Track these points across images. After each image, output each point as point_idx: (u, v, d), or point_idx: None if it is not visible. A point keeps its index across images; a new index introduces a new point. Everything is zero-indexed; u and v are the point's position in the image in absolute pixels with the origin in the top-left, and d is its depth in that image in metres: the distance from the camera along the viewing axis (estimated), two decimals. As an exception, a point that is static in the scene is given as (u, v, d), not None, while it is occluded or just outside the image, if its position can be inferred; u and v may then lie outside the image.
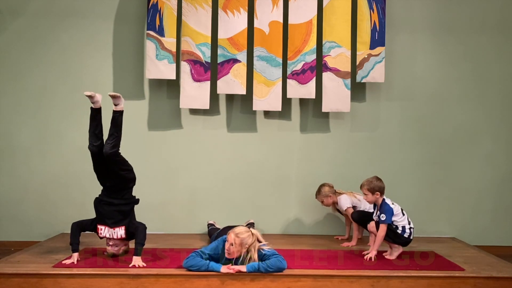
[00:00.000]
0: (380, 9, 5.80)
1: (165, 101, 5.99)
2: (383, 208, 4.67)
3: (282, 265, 4.23)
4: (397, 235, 4.70)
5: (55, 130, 5.93)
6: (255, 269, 4.19)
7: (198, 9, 5.76)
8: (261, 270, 4.19)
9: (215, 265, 4.21)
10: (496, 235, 6.02)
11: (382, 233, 4.65)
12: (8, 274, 4.19)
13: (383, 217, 4.63)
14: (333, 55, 5.79)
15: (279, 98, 5.78)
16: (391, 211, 4.65)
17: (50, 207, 5.90)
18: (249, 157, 6.02)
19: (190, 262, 4.22)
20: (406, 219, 4.75)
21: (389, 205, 4.69)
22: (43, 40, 5.93)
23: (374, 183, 4.70)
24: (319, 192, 5.50)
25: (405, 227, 4.72)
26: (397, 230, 4.69)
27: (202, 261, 4.22)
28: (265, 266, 4.19)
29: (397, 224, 4.69)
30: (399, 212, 4.73)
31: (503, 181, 6.07)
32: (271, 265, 4.19)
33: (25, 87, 5.93)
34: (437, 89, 6.06)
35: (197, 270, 4.19)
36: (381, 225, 4.65)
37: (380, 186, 4.70)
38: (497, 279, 4.28)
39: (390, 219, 4.65)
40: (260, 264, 4.20)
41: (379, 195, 4.70)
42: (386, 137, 6.05)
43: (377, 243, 4.68)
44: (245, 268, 4.19)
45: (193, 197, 5.99)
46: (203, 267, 4.19)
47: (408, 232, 4.73)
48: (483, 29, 6.05)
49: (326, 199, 5.47)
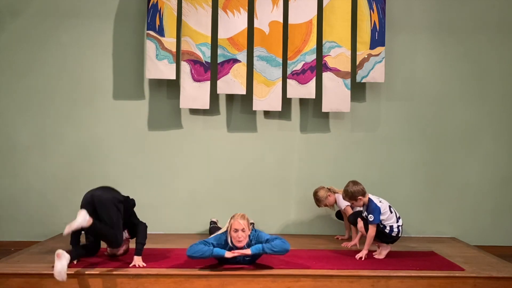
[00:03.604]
0: (380, 9, 5.80)
1: (165, 101, 5.99)
2: (370, 208, 4.66)
3: (286, 246, 4.21)
4: (385, 235, 4.70)
5: (55, 130, 5.93)
6: (260, 249, 4.18)
7: (198, 9, 5.76)
8: (266, 250, 4.17)
9: (219, 250, 4.18)
10: (496, 235, 6.02)
11: (372, 233, 4.65)
12: (8, 274, 4.20)
13: (371, 217, 4.63)
14: (333, 55, 5.79)
15: (279, 98, 5.78)
16: (378, 209, 4.64)
17: (50, 207, 5.90)
18: (249, 157, 6.02)
19: (193, 249, 4.17)
20: (395, 217, 4.73)
21: (376, 203, 4.67)
22: (43, 40, 5.93)
23: (350, 190, 4.68)
24: (319, 200, 5.49)
25: (393, 226, 4.70)
26: (385, 230, 4.68)
27: (206, 247, 4.17)
28: (269, 246, 4.17)
29: (385, 224, 4.68)
30: (387, 210, 4.70)
31: (503, 181, 6.06)
32: (275, 245, 4.18)
33: (25, 87, 5.92)
34: (437, 89, 6.06)
35: (201, 257, 4.15)
36: (370, 225, 4.65)
37: (358, 190, 4.68)
38: (497, 279, 4.28)
39: (379, 219, 4.64)
40: (265, 245, 4.19)
41: (363, 197, 4.69)
42: (386, 137, 6.04)
43: (368, 242, 4.68)
44: (250, 250, 4.19)
45: (193, 197, 5.99)
46: (207, 252, 4.15)
47: (396, 230, 4.71)
48: (483, 29, 6.04)
49: (327, 201, 5.47)
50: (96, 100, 5.94)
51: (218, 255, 4.19)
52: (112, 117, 5.95)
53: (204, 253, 4.15)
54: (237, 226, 4.22)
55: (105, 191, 4.47)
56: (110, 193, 4.45)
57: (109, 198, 4.37)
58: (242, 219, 4.26)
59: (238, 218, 4.27)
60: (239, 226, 4.22)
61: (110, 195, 4.42)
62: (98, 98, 5.94)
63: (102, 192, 4.44)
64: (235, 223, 4.24)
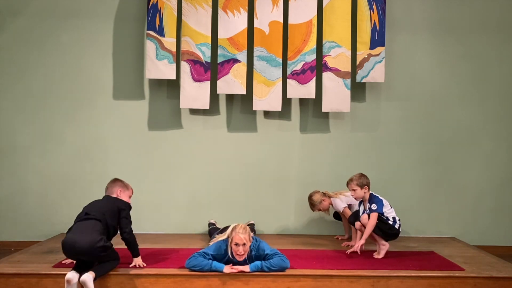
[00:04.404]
0: (380, 9, 5.80)
1: (165, 101, 5.99)
2: (374, 199, 4.74)
3: (285, 264, 4.22)
4: (389, 226, 4.73)
5: (55, 130, 5.93)
6: (258, 268, 4.18)
7: (198, 9, 5.76)
8: (264, 269, 4.18)
9: (218, 264, 4.19)
10: (496, 235, 6.02)
11: (373, 222, 4.67)
12: (8, 274, 4.20)
13: (374, 206, 4.69)
14: (333, 55, 5.79)
15: (279, 98, 5.78)
16: (381, 202, 4.75)
17: (50, 207, 5.90)
18: (249, 157, 6.01)
19: (192, 262, 4.20)
20: (394, 212, 4.82)
21: (379, 196, 4.78)
22: (43, 40, 5.93)
23: (362, 178, 4.79)
24: (313, 204, 5.50)
25: (396, 218, 4.79)
26: (388, 221, 4.73)
27: (205, 261, 4.20)
28: (268, 265, 4.18)
29: (388, 215, 4.74)
30: (388, 204, 4.81)
31: (503, 181, 6.07)
32: (275, 264, 4.18)
33: (25, 87, 5.93)
34: (437, 89, 6.06)
35: (200, 270, 4.18)
36: (372, 214, 4.68)
37: (367, 181, 4.80)
38: (497, 279, 4.28)
39: (382, 209, 4.71)
40: (263, 263, 4.19)
41: (367, 190, 4.77)
42: (386, 137, 6.05)
43: (367, 231, 4.69)
44: (249, 268, 4.19)
45: (193, 197, 5.99)
46: (206, 267, 4.17)
47: (398, 223, 4.78)
48: (483, 29, 6.04)
49: (321, 205, 5.48)
50: (96, 100, 5.94)
51: (217, 270, 4.18)
52: (112, 117, 5.95)
53: (203, 267, 4.18)
54: (238, 240, 4.19)
55: (82, 236, 4.04)
56: (88, 238, 4.02)
57: (90, 245, 4.00)
58: (243, 233, 4.21)
59: (239, 232, 4.21)
60: (240, 241, 4.19)
61: (88, 241, 4.01)
62: (98, 98, 5.94)
63: (80, 239, 4.02)
64: (236, 237, 4.20)
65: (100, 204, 4.39)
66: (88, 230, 4.09)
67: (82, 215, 4.26)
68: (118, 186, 4.54)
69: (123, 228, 4.32)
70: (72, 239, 4.05)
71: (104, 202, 4.42)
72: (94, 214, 4.22)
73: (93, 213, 4.23)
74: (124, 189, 4.55)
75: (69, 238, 4.08)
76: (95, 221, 4.18)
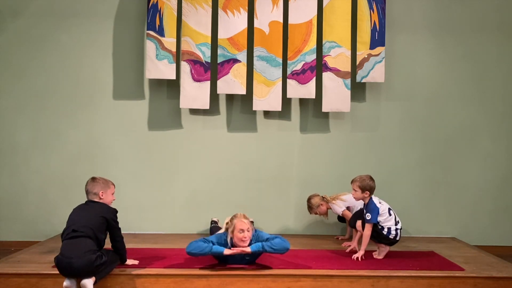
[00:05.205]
0: (380, 9, 5.80)
1: (165, 101, 5.99)
2: (369, 207, 4.66)
3: (286, 245, 4.21)
4: (381, 236, 4.68)
5: (55, 130, 5.94)
6: (260, 247, 4.17)
7: (198, 9, 5.76)
8: (266, 248, 4.16)
9: (218, 247, 4.16)
10: (496, 235, 6.02)
11: (368, 232, 4.64)
12: (8, 274, 4.20)
13: (368, 216, 4.63)
14: (333, 55, 5.79)
15: (279, 98, 5.78)
16: (376, 210, 4.63)
17: (50, 207, 5.90)
18: (249, 157, 6.02)
19: (193, 245, 4.15)
20: (393, 220, 4.71)
21: (375, 204, 4.67)
22: (43, 40, 5.93)
23: (366, 181, 4.71)
24: (311, 207, 5.51)
25: (391, 229, 4.68)
26: (382, 231, 4.67)
27: (205, 244, 4.15)
28: (269, 245, 4.17)
29: (383, 225, 4.66)
30: (385, 211, 4.69)
31: (503, 181, 6.07)
32: (276, 243, 4.17)
33: (25, 87, 5.93)
34: (437, 89, 6.06)
35: (200, 253, 4.14)
36: (366, 224, 4.66)
37: (371, 186, 4.71)
38: (497, 279, 4.28)
39: (376, 219, 4.63)
40: (264, 244, 4.18)
41: (368, 195, 4.70)
42: (386, 137, 6.05)
43: (364, 242, 4.67)
44: (250, 248, 4.17)
45: (193, 197, 5.99)
46: (206, 249, 4.13)
47: (393, 233, 4.69)
48: (483, 29, 6.05)
49: (319, 209, 5.49)
50: (96, 100, 5.94)
51: (217, 252, 4.17)
52: (112, 117, 5.95)
53: (203, 249, 4.13)
54: (242, 226, 4.19)
55: (78, 259, 3.89)
56: (83, 261, 3.89)
57: (87, 266, 3.89)
58: (245, 218, 4.25)
59: (241, 218, 4.24)
60: (244, 226, 4.19)
61: (84, 263, 3.88)
62: (98, 98, 5.94)
63: (76, 262, 3.88)
64: (239, 223, 4.20)
65: (86, 217, 4.12)
66: (80, 250, 3.90)
67: (69, 231, 4.04)
68: (99, 187, 4.30)
69: (115, 237, 4.22)
70: (67, 261, 3.88)
71: (89, 214, 4.14)
72: (83, 231, 4.00)
73: (81, 229, 4.00)
74: (106, 188, 4.33)
75: (64, 260, 3.89)
76: (85, 238, 3.98)
